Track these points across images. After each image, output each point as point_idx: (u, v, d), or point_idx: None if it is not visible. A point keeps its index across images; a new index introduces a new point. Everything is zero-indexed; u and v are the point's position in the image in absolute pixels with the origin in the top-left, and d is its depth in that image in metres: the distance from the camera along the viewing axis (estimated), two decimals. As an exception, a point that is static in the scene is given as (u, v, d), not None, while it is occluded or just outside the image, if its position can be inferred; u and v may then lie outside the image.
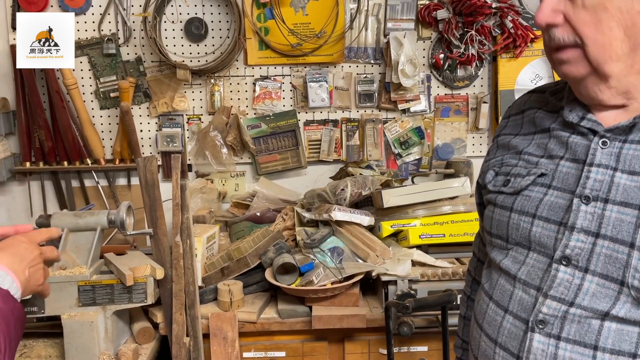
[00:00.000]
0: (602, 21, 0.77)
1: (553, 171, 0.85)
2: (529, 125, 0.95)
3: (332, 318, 1.54)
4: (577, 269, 0.79)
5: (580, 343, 0.78)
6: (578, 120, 0.84)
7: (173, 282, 1.55)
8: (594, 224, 0.79)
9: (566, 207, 0.82)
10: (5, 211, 2.18)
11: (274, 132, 2.19)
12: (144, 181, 1.59)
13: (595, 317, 0.78)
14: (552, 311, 0.80)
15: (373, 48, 2.19)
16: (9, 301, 0.85)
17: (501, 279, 0.90)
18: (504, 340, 0.86)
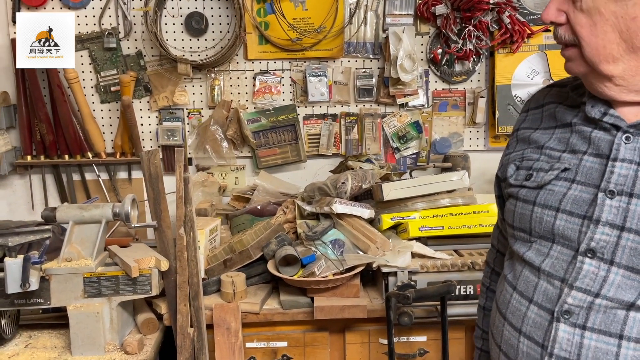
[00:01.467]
0: (597, 24, 0.80)
1: (576, 166, 0.88)
2: (549, 120, 0.98)
3: (334, 309, 1.57)
4: (602, 261, 0.82)
5: (605, 332, 0.81)
6: (600, 116, 0.87)
7: (177, 273, 1.57)
8: (619, 217, 0.81)
9: (590, 201, 0.84)
10: (7, 205, 2.19)
11: (274, 126, 2.21)
12: (148, 174, 1.61)
13: (621, 308, 0.80)
14: (578, 302, 0.83)
15: (372, 43, 2.21)
16: None
17: (525, 270, 0.92)
18: (528, 329, 0.89)
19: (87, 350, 1.49)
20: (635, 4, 0.77)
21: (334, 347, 1.68)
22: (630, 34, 0.79)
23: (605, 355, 0.80)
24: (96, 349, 1.50)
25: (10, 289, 1.40)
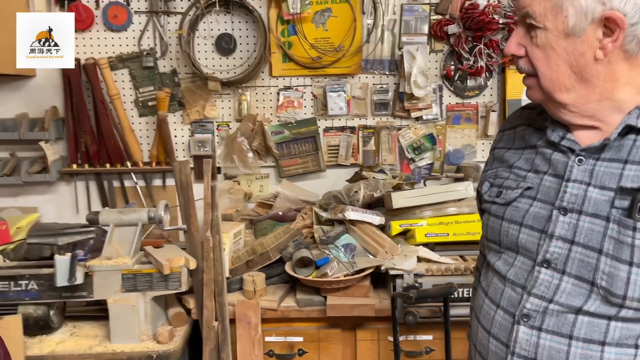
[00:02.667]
0: (551, 58, 0.92)
1: (538, 185, 0.99)
2: (519, 141, 1.09)
3: (344, 307, 1.72)
4: (555, 271, 0.93)
5: (557, 333, 0.92)
6: (559, 140, 0.98)
7: (204, 272, 1.74)
8: (570, 232, 0.92)
9: (547, 217, 0.95)
10: (55, 208, 2.41)
11: (296, 138, 2.38)
12: (179, 183, 1.80)
13: (570, 312, 0.92)
14: (535, 307, 0.94)
15: (388, 60, 2.35)
16: None
17: (494, 278, 1.04)
18: (495, 331, 1.00)
19: (124, 338, 1.68)
20: (582, 42, 0.89)
21: (346, 343, 1.82)
22: (579, 67, 0.90)
23: (558, 354, 0.92)
24: (132, 338, 1.68)
25: (59, 283, 1.60)
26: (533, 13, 0.91)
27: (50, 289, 1.68)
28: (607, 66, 0.90)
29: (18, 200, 2.40)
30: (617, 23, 0.86)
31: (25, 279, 1.68)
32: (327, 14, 2.28)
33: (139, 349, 1.65)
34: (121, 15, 2.27)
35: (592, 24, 0.87)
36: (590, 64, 0.90)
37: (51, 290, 1.68)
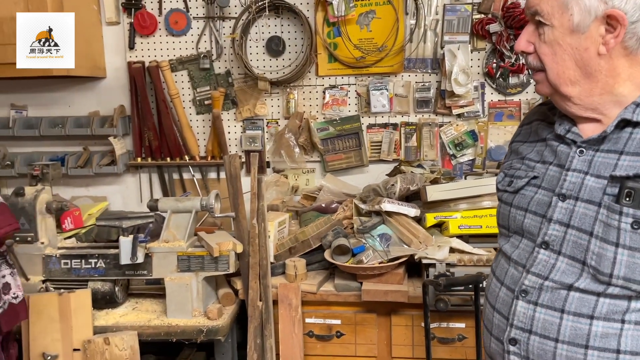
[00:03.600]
0: (557, 54, 0.99)
1: (543, 174, 1.08)
2: (533, 135, 1.18)
3: (378, 292, 1.82)
4: (552, 251, 1.03)
5: (551, 307, 1.01)
6: (564, 133, 1.06)
7: (250, 256, 1.90)
8: (566, 217, 1.01)
9: (549, 204, 1.04)
10: (121, 198, 2.66)
11: (340, 134, 2.49)
12: (229, 174, 1.96)
13: (563, 288, 1.00)
14: (532, 283, 1.04)
15: (430, 59, 2.42)
16: None
17: (502, 260, 1.15)
18: (499, 306, 1.10)
19: (179, 314, 1.86)
20: (587, 38, 0.96)
21: (381, 328, 1.92)
22: (583, 62, 0.98)
23: (551, 326, 1.00)
24: (185, 314, 1.86)
25: (122, 261, 1.80)
26: (541, 11, 0.99)
27: (116, 267, 1.89)
28: (609, 61, 0.96)
29: (89, 190, 2.67)
30: (619, 20, 0.93)
31: (94, 258, 1.90)
32: (371, 15, 2.39)
33: (191, 324, 1.83)
34: (181, 21, 2.47)
35: (596, 21, 0.95)
36: (593, 58, 0.97)
37: (116, 269, 1.89)
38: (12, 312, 1.43)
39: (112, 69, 2.56)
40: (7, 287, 1.42)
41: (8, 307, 1.41)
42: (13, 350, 1.51)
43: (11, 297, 1.43)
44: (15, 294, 1.44)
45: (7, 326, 1.42)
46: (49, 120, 2.52)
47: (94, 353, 1.74)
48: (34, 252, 1.89)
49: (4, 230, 1.35)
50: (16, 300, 1.44)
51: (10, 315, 1.42)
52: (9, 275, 1.44)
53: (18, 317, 1.46)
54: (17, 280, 1.46)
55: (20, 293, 1.46)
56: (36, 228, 1.88)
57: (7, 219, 1.38)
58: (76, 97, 2.60)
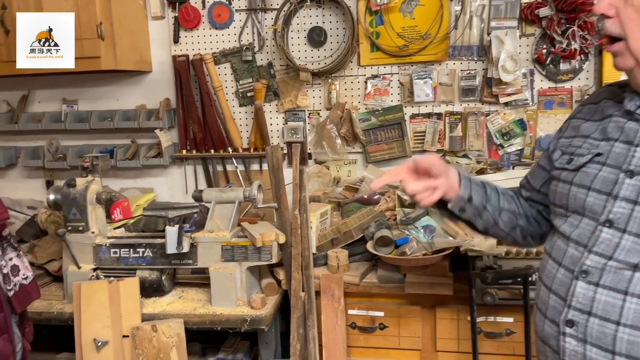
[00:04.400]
0: None
1: (608, 152, 1.03)
2: (599, 113, 1.12)
3: (423, 285, 1.79)
4: (617, 230, 0.98)
5: (614, 289, 0.97)
6: (635, 109, 1.01)
7: (292, 246, 1.91)
8: (634, 193, 0.96)
9: (614, 181, 1.00)
10: (167, 189, 2.72)
11: (382, 124, 2.46)
12: (271, 165, 1.97)
13: (628, 269, 0.95)
14: (594, 264, 0.99)
15: (477, 46, 2.35)
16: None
17: (558, 240, 1.10)
18: (556, 287, 1.06)
19: (223, 303, 1.89)
20: None
21: (426, 321, 1.89)
22: None
23: (612, 308, 0.95)
24: (229, 303, 1.89)
25: (168, 250, 1.84)
26: None
27: (162, 256, 1.93)
28: None
29: (137, 182, 2.74)
30: None
31: (142, 247, 1.95)
32: (414, 2, 2.33)
33: (235, 313, 1.85)
34: (224, 13, 2.49)
35: None
36: None
37: (163, 258, 1.94)
38: (24, 292, 1.48)
39: (158, 62, 2.61)
40: (15, 269, 1.47)
41: (19, 289, 1.46)
42: (29, 329, 1.56)
43: (21, 279, 1.48)
44: (25, 275, 1.49)
45: (20, 306, 1.47)
46: (98, 114, 2.60)
47: (142, 340, 1.79)
48: (85, 241, 1.96)
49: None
50: (27, 281, 1.49)
51: (23, 296, 1.47)
52: (16, 258, 1.48)
53: (30, 297, 1.51)
54: (24, 262, 1.51)
55: (29, 274, 1.51)
56: (87, 218, 1.95)
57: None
58: (123, 91, 2.67)
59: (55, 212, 2.28)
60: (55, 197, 1.94)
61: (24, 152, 2.67)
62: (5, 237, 1.47)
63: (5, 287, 1.43)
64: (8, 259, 1.45)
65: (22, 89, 2.71)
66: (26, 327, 1.56)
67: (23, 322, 1.54)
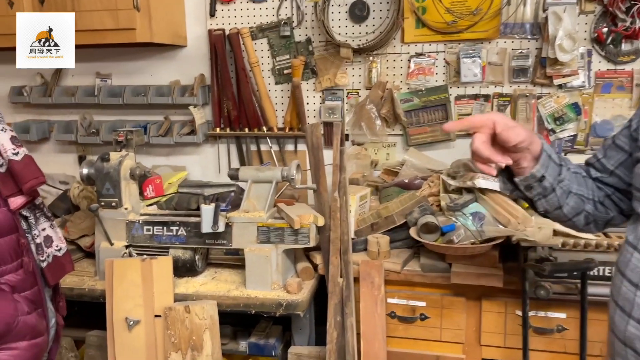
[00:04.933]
0: None
1: None
2: None
3: (470, 275, 1.68)
4: None
5: None
6: None
7: (331, 230, 1.82)
8: None
9: None
10: (200, 168, 2.66)
11: (425, 106, 2.34)
12: (311, 144, 1.88)
13: None
14: None
15: (531, 23, 2.20)
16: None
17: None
18: None
19: (258, 286, 1.82)
20: None
21: (470, 313, 1.78)
22: None
23: None
24: (264, 286, 1.81)
25: (204, 229, 1.77)
26: None
27: (196, 235, 1.87)
28: None
29: (169, 159, 2.69)
30: None
31: (175, 225, 1.89)
32: (465, -25, 2.19)
33: (270, 297, 1.78)
34: (262, -14, 2.39)
35: None
36: None
37: (197, 237, 1.87)
38: (58, 264, 1.41)
39: (193, 37, 2.53)
40: (49, 240, 1.40)
41: (53, 260, 1.39)
42: (62, 303, 1.50)
43: (54, 250, 1.41)
44: (58, 247, 1.42)
45: (54, 279, 1.41)
46: (131, 89, 2.54)
47: (174, 320, 1.73)
48: (118, 218, 1.91)
49: (29, 183, 1.31)
50: (60, 253, 1.42)
51: (57, 268, 1.41)
52: (49, 228, 1.41)
53: (64, 269, 1.45)
54: (57, 233, 1.43)
55: (63, 245, 1.44)
56: (120, 194, 1.89)
57: (33, 172, 1.34)
58: (158, 66, 2.60)
59: (87, 187, 2.24)
60: (88, 171, 1.89)
61: (57, 126, 2.63)
62: (38, 205, 1.40)
63: (39, 258, 1.37)
64: (41, 229, 1.39)
65: (56, 62, 2.66)
66: (59, 301, 1.51)
67: (56, 296, 1.49)
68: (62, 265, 1.44)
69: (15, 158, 1.29)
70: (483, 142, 1.02)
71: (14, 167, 1.28)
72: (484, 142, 1.02)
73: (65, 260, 1.46)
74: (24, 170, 1.30)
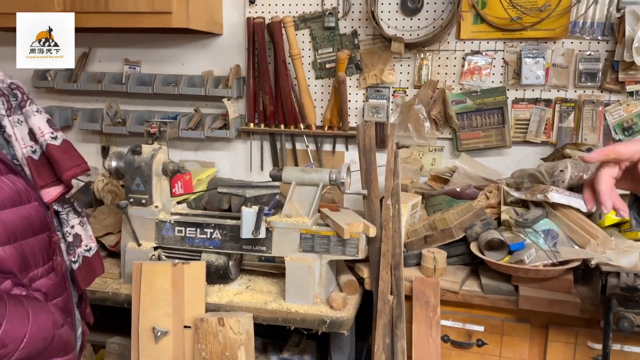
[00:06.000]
0: None
1: None
2: None
3: (542, 301, 1.50)
4: None
5: None
6: None
7: (382, 241, 1.64)
8: None
9: None
10: (229, 165, 2.49)
11: (479, 108, 2.15)
12: (362, 145, 1.70)
13: None
14: None
15: (602, 23, 2.01)
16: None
17: None
18: None
19: (298, 299, 1.65)
20: None
21: (534, 341, 1.60)
22: None
23: None
24: (305, 299, 1.64)
25: (244, 234, 1.60)
26: None
27: (232, 240, 1.70)
28: None
29: (198, 155, 2.52)
30: None
31: (210, 228, 1.72)
32: (533, -32, 2.00)
33: (312, 312, 1.60)
34: (308, -28, 2.22)
35: None
36: None
37: (233, 242, 1.70)
38: (88, 266, 1.23)
39: (229, 25, 2.37)
40: (78, 239, 1.22)
41: (83, 261, 1.22)
42: (88, 309, 1.33)
43: (84, 250, 1.23)
44: (87, 246, 1.24)
45: (85, 283, 1.23)
46: (162, 78, 2.38)
47: (206, 333, 1.56)
48: (147, 216, 1.74)
49: (72, 171, 1.13)
50: (89, 253, 1.24)
51: (87, 270, 1.23)
52: (78, 225, 1.22)
53: (95, 272, 1.27)
54: (88, 230, 1.25)
55: (93, 244, 1.25)
56: (151, 190, 1.73)
57: (74, 159, 1.16)
58: (190, 55, 2.44)
59: (112, 181, 2.08)
60: (117, 164, 1.73)
61: (82, 114, 2.47)
62: (68, 199, 1.23)
63: (70, 259, 1.20)
64: (70, 227, 1.21)
65: (83, 46, 2.51)
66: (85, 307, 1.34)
67: (82, 302, 1.32)
68: (92, 267, 1.26)
69: (54, 142, 1.11)
70: (612, 177, 0.84)
71: (52, 153, 1.11)
72: (613, 177, 0.85)
73: (95, 261, 1.28)
74: (63, 156, 1.12)
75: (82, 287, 1.24)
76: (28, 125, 1.10)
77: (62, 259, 1.15)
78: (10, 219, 1.03)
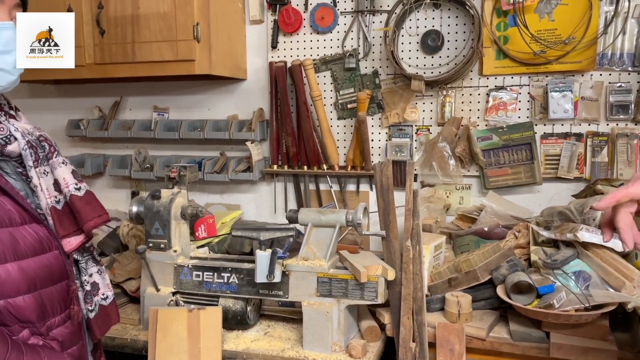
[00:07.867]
0: None
1: None
2: None
3: (575, 349, 1.38)
4: None
5: None
6: None
7: (402, 285, 1.57)
8: None
9: None
10: (255, 207, 2.49)
11: (506, 144, 2.09)
12: (380, 185, 1.66)
13: None
14: None
15: (632, 53, 1.93)
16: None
17: None
18: None
19: (316, 346, 1.59)
20: None
21: (570, 393, 1.47)
22: None
23: None
24: (324, 347, 1.58)
25: (258, 279, 1.57)
26: None
27: (249, 284, 1.67)
28: None
29: (224, 197, 2.54)
30: None
31: (227, 272, 1.70)
32: (555, 1, 1.96)
33: (331, 360, 1.54)
34: (327, 16, 2.25)
35: None
36: None
37: (250, 286, 1.67)
38: (104, 315, 1.23)
39: (253, 70, 2.42)
40: (95, 287, 1.22)
41: (99, 310, 1.21)
42: (103, 358, 1.31)
43: (100, 298, 1.23)
44: (104, 295, 1.24)
45: (101, 332, 1.22)
46: (188, 123, 2.44)
47: (221, 382, 1.52)
48: (166, 261, 1.74)
49: (93, 222, 1.15)
50: (106, 302, 1.24)
51: (103, 319, 1.23)
52: (96, 274, 1.23)
53: (110, 320, 1.26)
54: (105, 279, 1.25)
55: (109, 293, 1.25)
56: (170, 234, 1.73)
57: (96, 209, 1.17)
58: (216, 100, 2.49)
59: (137, 226, 2.11)
60: (137, 209, 1.75)
61: (112, 161, 2.55)
62: (88, 247, 1.25)
63: (87, 308, 1.20)
64: (88, 275, 1.23)
65: (115, 95, 2.61)
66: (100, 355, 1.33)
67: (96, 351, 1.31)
68: (108, 316, 1.26)
69: (77, 193, 1.14)
70: (630, 213, 0.80)
71: (75, 204, 1.13)
72: (631, 212, 0.80)
73: (111, 310, 1.28)
74: (86, 207, 1.15)
75: (97, 335, 1.23)
76: (54, 176, 1.14)
77: (79, 307, 1.16)
78: (32, 268, 1.04)
